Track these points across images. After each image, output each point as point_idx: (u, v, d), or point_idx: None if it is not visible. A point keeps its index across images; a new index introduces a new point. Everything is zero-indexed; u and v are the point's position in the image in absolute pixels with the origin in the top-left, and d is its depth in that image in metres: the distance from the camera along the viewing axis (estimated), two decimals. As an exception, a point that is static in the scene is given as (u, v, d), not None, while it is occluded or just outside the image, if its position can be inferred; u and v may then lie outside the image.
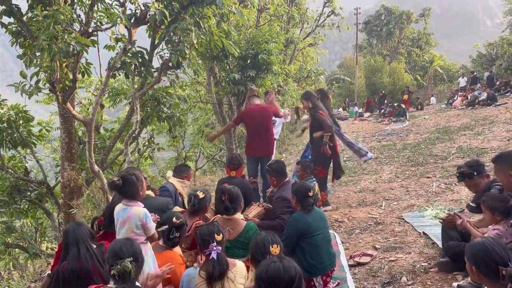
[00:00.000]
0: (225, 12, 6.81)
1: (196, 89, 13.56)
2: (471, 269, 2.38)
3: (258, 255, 2.71)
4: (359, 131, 17.71)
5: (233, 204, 3.62)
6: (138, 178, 3.15)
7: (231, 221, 3.61)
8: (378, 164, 9.83)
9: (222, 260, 2.78)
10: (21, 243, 7.59)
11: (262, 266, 2.24)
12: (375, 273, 4.15)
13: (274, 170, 4.61)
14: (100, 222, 3.53)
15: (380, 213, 5.94)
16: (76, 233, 2.90)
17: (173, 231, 3.23)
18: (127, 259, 2.40)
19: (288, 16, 18.07)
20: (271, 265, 2.19)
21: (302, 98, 6.68)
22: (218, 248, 2.78)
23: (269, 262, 2.24)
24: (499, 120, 12.93)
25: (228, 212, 3.62)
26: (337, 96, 39.36)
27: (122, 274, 2.39)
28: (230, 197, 3.63)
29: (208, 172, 16.84)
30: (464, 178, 4.06)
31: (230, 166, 5.05)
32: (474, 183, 4.01)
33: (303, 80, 18.90)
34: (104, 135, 8.95)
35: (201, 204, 3.80)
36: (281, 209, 4.22)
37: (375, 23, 41.89)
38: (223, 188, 3.72)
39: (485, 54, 30.71)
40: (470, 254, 2.40)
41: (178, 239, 3.28)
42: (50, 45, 5.06)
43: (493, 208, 3.25)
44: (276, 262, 2.20)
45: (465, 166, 4.12)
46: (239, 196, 3.73)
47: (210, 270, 2.71)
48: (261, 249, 2.72)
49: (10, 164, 7.73)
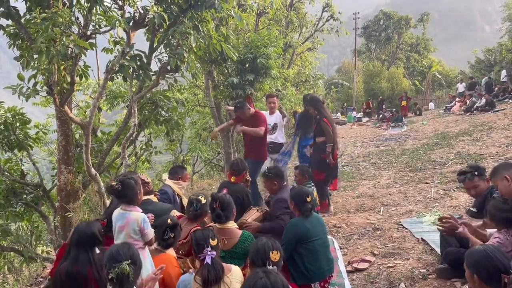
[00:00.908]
0: (224, 16, 6.80)
1: (194, 93, 13.55)
2: (471, 277, 2.33)
3: (258, 261, 2.70)
4: (357, 136, 17.71)
5: (224, 212, 3.50)
6: (137, 182, 3.14)
7: (225, 231, 3.50)
8: (376, 169, 9.81)
9: (217, 265, 2.74)
10: (16, 246, 7.51)
11: (249, 281, 2.21)
12: (373, 279, 4.12)
13: (274, 174, 4.60)
14: (103, 224, 3.50)
15: (379, 219, 5.91)
16: (81, 235, 2.89)
17: (168, 231, 3.21)
18: (124, 262, 2.38)
19: (287, 21, 18.10)
20: (258, 281, 2.15)
21: (307, 105, 6.66)
22: (213, 253, 2.74)
23: (256, 277, 2.20)
24: (497, 126, 12.94)
25: (219, 220, 3.50)
26: (335, 100, 39.40)
27: (120, 277, 2.37)
28: (222, 204, 3.52)
29: (205, 176, 16.79)
30: (465, 179, 4.00)
31: (230, 172, 5.06)
32: (474, 185, 3.94)
33: (302, 84, 18.90)
34: (101, 138, 8.91)
35: (203, 209, 3.75)
36: (281, 210, 4.24)
37: (373, 28, 42.10)
38: (214, 195, 3.63)
39: (483, 60, 30.86)
40: (471, 261, 2.35)
41: (172, 240, 3.25)
42: (48, 48, 5.04)
43: (495, 217, 3.21)
44: (262, 278, 2.17)
45: (468, 167, 4.11)
46: (231, 203, 3.62)
47: (206, 275, 2.68)
48: (261, 254, 2.71)
49: (6, 167, 7.67)
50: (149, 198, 4.14)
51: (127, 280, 2.38)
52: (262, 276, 2.18)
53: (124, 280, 2.38)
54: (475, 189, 3.96)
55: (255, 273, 2.31)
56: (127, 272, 2.37)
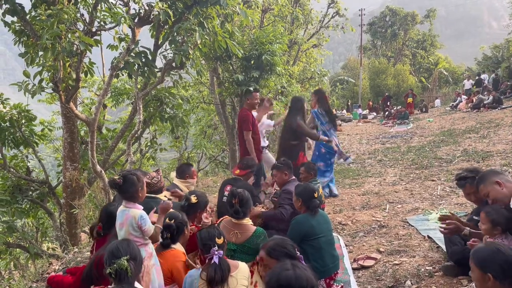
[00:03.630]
0: (229, 12, 6.78)
1: (199, 90, 13.56)
2: (483, 277, 2.16)
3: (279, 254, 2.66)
4: (362, 133, 17.63)
5: (242, 208, 3.58)
6: (139, 178, 3.12)
7: (239, 226, 3.58)
8: (382, 166, 9.76)
9: (224, 264, 2.75)
10: (22, 243, 7.56)
11: (275, 272, 2.16)
12: (379, 277, 4.09)
13: (286, 165, 4.85)
14: (100, 229, 3.51)
15: (384, 216, 5.88)
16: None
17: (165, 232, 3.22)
18: (123, 258, 2.38)
19: (292, 17, 18.04)
20: (283, 273, 2.11)
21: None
22: (220, 253, 2.76)
23: (282, 269, 2.15)
24: (504, 123, 12.83)
25: (237, 216, 3.57)
26: (340, 97, 39.29)
27: (119, 273, 2.36)
28: (240, 201, 3.58)
29: (210, 173, 16.81)
30: (465, 184, 3.76)
31: (238, 165, 5.19)
32: (475, 190, 3.64)
33: (307, 81, 18.84)
34: (106, 135, 8.94)
35: (191, 209, 3.75)
36: (284, 200, 4.44)
37: (379, 24, 41.82)
38: (233, 191, 3.68)
39: (490, 57, 30.57)
40: (480, 259, 2.20)
41: (168, 240, 3.24)
42: (54, 44, 5.05)
43: (495, 222, 3.10)
44: (289, 271, 2.12)
45: (466, 171, 3.83)
46: (249, 200, 3.69)
47: (212, 274, 2.68)
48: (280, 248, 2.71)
49: (12, 164, 7.72)
50: (157, 197, 4.04)
51: (126, 276, 2.38)
52: (288, 268, 2.13)
53: (122, 275, 2.37)
54: (475, 194, 3.65)
55: (283, 264, 2.24)
56: (125, 267, 2.36)
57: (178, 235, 3.31)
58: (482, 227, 3.20)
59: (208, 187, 10.21)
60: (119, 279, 2.38)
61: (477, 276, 2.21)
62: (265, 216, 4.43)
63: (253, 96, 6.22)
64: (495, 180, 3.26)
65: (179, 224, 3.27)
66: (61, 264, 5.52)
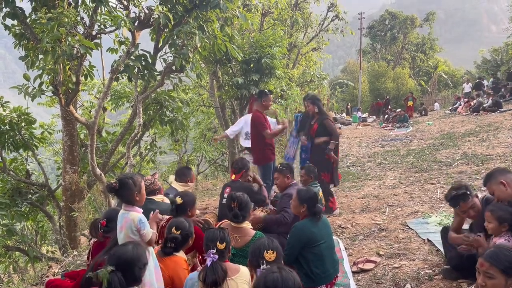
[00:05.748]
0: (229, 16, 6.80)
1: (199, 93, 13.56)
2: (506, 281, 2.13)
3: (253, 260, 2.74)
4: (362, 137, 17.64)
5: (242, 212, 3.56)
6: (136, 183, 3.09)
7: (239, 229, 3.56)
8: (381, 170, 9.76)
9: (217, 268, 2.72)
10: (21, 246, 7.54)
11: (261, 276, 2.21)
12: (378, 280, 4.09)
13: (287, 168, 4.84)
14: (103, 224, 3.49)
15: (384, 219, 5.88)
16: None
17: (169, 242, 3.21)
18: (109, 267, 2.37)
19: (291, 20, 18.08)
20: (270, 275, 2.16)
21: (308, 101, 6.47)
22: (215, 256, 2.74)
23: (268, 272, 2.21)
24: (504, 126, 12.84)
25: (237, 220, 3.55)
26: (340, 101, 39.31)
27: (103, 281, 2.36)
28: (240, 204, 3.57)
29: (210, 176, 16.80)
30: (459, 202, 3.53)
31: (232, 170, 5.21)
32: (470, 206, 3.50)
33: (306, 84, 18.86)
34: (106, 138, 8.94)
35: (180, 209, 3.72)
36: (286, 203, 4.40)
37: (379, 28, 41.90)
38: (232, 195, 3.67)
39: (489, 60, 30.64)
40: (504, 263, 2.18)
41: (170, 249, 3.23)
42: (54, 48, 5.06)
43: (502, 219, 3.13)
44: (275, 273, 2.17)
45: (455, 190, 3.58)
46: (248, 203, 3.67)
47: (204, 277, 2.69)
48: (256, 254, 2.74)
49: (11, 167, 7.71)
50: (152, 198, 4.11)
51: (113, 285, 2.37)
52: (275, 271, 2.18)
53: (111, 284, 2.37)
54: (471, 210, 3.53)
55: (270, 268, 2.32)
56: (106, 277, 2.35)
57: (182, 245, 3.30)
58: (489, 226, 3.21)
59: (208, 190, 10.21)
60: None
61: (500, 281, 2.18)
62: (268, 221, 4.42)
63: (269, 98, 6.25)
64: (499, 180, 3.32)
65: (185, 235, 3.25)
66: (61, 267, 5.52)
